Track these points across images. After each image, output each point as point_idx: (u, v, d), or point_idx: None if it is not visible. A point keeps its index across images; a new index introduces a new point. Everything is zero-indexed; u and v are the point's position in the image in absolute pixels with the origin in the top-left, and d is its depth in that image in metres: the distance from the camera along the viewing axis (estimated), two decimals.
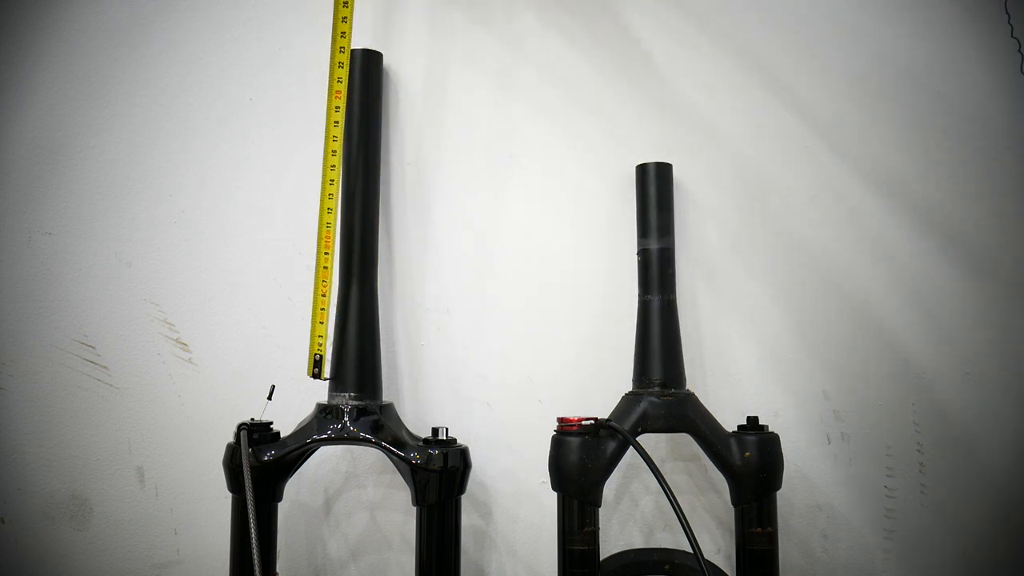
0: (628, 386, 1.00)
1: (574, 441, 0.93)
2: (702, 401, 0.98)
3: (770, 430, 0.97)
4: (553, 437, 0.95)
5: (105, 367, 1.09)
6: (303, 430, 0.96)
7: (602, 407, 0.99)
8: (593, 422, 0.94)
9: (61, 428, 1.08)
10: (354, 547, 1.08)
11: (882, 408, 1.07)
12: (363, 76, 1.04)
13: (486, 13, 1.12)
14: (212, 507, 1.07)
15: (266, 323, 1.09)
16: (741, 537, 0.94)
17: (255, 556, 0.85)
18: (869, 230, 1.09)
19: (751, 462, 0.94)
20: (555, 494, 0.94)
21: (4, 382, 1.08)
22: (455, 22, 1.12)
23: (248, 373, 1.08)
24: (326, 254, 0.98)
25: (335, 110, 0.98)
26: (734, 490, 0.95)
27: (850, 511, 1.06)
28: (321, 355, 0.97)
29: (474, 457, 1.01)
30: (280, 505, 0.98)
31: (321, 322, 0.98)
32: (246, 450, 0.92)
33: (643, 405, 0.96)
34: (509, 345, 1.09)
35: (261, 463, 0.94)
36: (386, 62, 1.09)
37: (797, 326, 1.08)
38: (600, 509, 0.94)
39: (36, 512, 1.07)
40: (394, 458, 0.95)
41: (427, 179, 1.11)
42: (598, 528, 0.93)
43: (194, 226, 1.10)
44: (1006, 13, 1.08)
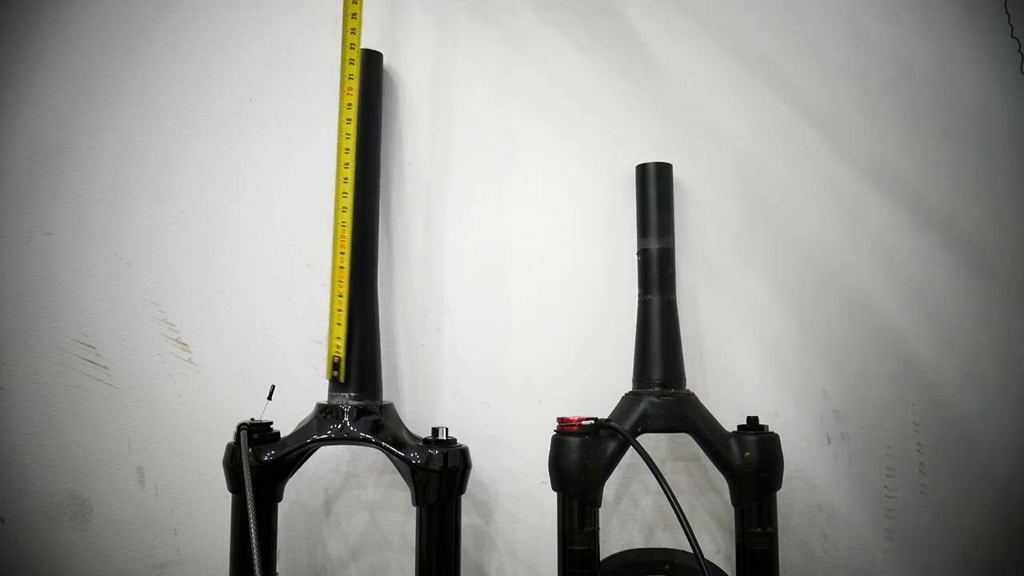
0: (628, 386, 1.00)
1: (574, 441, 0.93)
2: (702, 401, 0.98)
3: (770, 430, 0.97)
4: (553, 437, 0.95)
5: (105, 367, 1.09)
6: (303, 430, 0.96)
7: (602, 407, 0.99)
8: (593, 422, 0.94)
9: (61, 428, 1.08)
10: (354, 547, 1.08)
11: (882, 408, 1.07)
12: (363, 76, 1.04)
13: (487, 13, 1.12)
14: (212, 507, 1.07)
15: (266, 323, 1.09)
16: (741, 537, 0.94)
17: (255, 556, 0.85)
18: (869, 230, 1.09)
19: (751, 462, 0.94)
20: (555, 494, 0.94)
21: (4, 382, 1.08)
22: (456, 22, 1.12)
23: (248, 373, 1.08)
24: (342, 253, 0.97)
25: (347, 107, 0.98)
26: (734, 490, 0.95)
27: (850, 511, 1.06)
28: (340, 357, 0.96)
29: (474, 457, 1.01)
30: (280, 505, 0.98)
31: (339, 323, 0.96)
32: (246, 450, 0.92)
33: (643, 405, 0.96)
34: (509, 345, 1.09)
35: (261, 463, 0.94)
36: (386, 62, 1.09)
37: (797, 326, 1.08)
38: (600, 509, 0.94)
39: (36, 512, 1.07)
40: (394, 458, 0.95)
41: (427, 179, 1.11)
42: (598, 528, 0.93)
43: (194, 226, 1.10)
44: (1006, 13, 1.08)
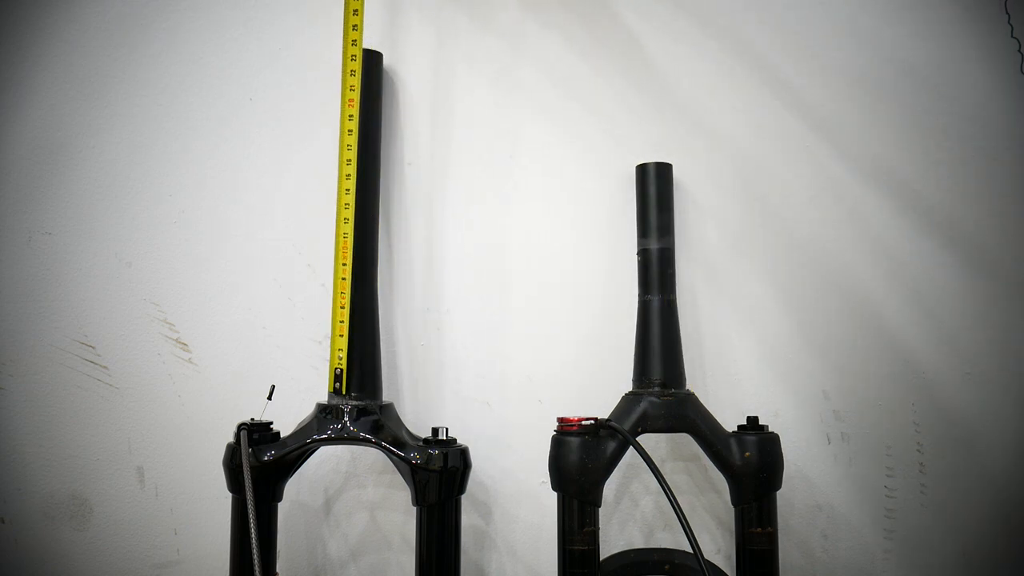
0: (628, 386, 1.00)
1: (574, 441, 0.93)
2: (702, 401, 0.98)
3: (770, 430, 0.97)
4: (553, 437, 0.95)
5: (105, 367, 1.09)
6: (303, 430, 0.96)
7: (602, 407, 0.99)
8: (593, 422, 0.94)
9: (61, 428, 1.08)
10: (354, 547, 1.08)
11: (882, 408, 1.07)
12: (364, 76, 1.04)
13: (487, 13, 1.12)
14: (212, 507, 1.07)
15: (266, 323, 1.09)
16: (741, 537, 0.94)
17: (255, 556, 0.85)
18: (869, 230, 1.09)
19: (751, 462, 0.94)
20: (555, 494, 0.94)
21: (4, 382, 1.08)
22: (456, 22, 1.12)
23: (248, 373, 1.08)
24: (344, 264, 0.96)
25: (349, 118, 0.97)
26: (734, 490, 0.95)
27: (850, 511, 1.06)
28: (342, 369, 0.95)
29: (474, 457, 1.01)
30: (280, 505, 0.98)
31: (341, 335, 0.96)
32: (246, 450, 0.92)
33: (643, 405, 0.96)
34: (509, 345, 1.09)
35: (261, 463, 0.94)
36: (386, 62, 1.09)
37: (797, 326, 1.08)
38: (600, 509, 0.94)
39: (36, 512, 1.07)
40: (394, 458, 0.95)
41: (427, 179, 1.11)
42: (598, 528, 0.93)
43: (194, 226, 1.10)
44: (1006, 13, 1.08)
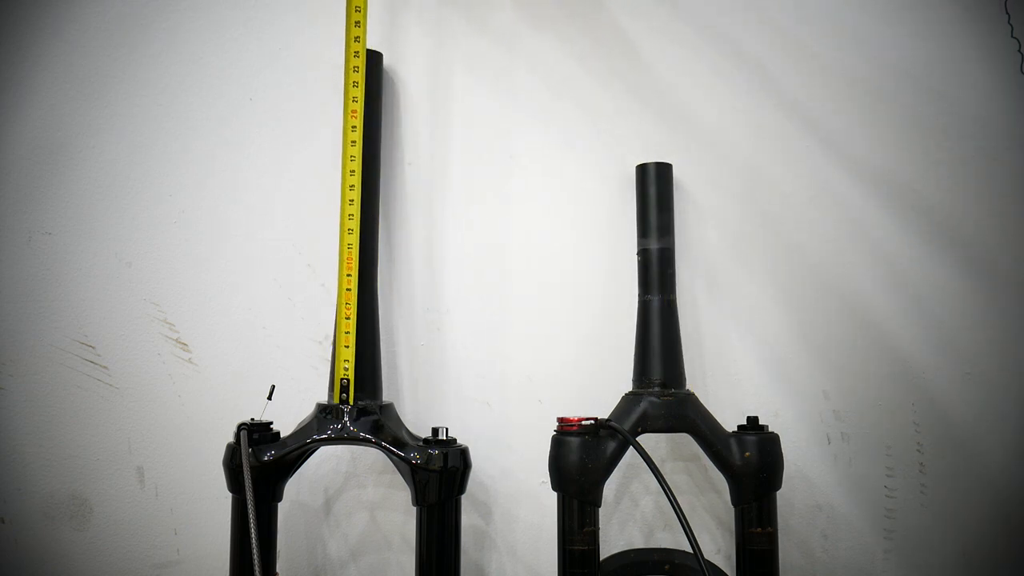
0: (628, 386, 1.00)
1: (574, 441, 0.93)
2: (702, 401, 0.98)
3: (770, 430, 0.97)
4: (553, 437, 0.95)
5: (105, 367, 1.09)
6: (303, 430, 0.96)
7: (602, 407, 0.99)
8: (593, 422, 0.94)
9: (61, 428, 1.08)
10: (354, 547, 1.08)
11: (882, 408, 1.07)
12: (364, 76, 1.04)
13: (486, 14, 1.12)
14: (212, 507, 1.07)
15: (266, 323, 1.09)
16: (741, 537, 0.94)
17: (255, 556, 0.85)
18: (869, 230, 1.08)
19: (751, 462, 0.94)
20: (555, 494, 0.94)
21: (4, 382, 1.08)
22: (456, 23, 1.12)
23: (248, 373, 1.08)
24: (349, 276, 0.96)
25: (352, 130, 0.97)
26: (734, 490, 0.95)
27: (850, 511, 1.06)
28: (348, 379, 0.95)
29: (474, 457, 1.01)
30: (280, 505, 0.98)
31: (347, 346, 0.95)
32: (246, 450, 0.92)
33: (643, 405, 0.95)
34: (509, 345, 1.09)
35: (261, 463, 0.94)
36: (386, 62, 1.09)
37: (797, 326, 1.08)
38: (600, 509, 0.94)
39: (36, 512, 1.07)
40: (394, 458, 0.95)
41: (427, 179, 1.11)
42: (598, 528, 0.93)
43: (194, 226, 1.10)
44: (1006, 13, 1.08)
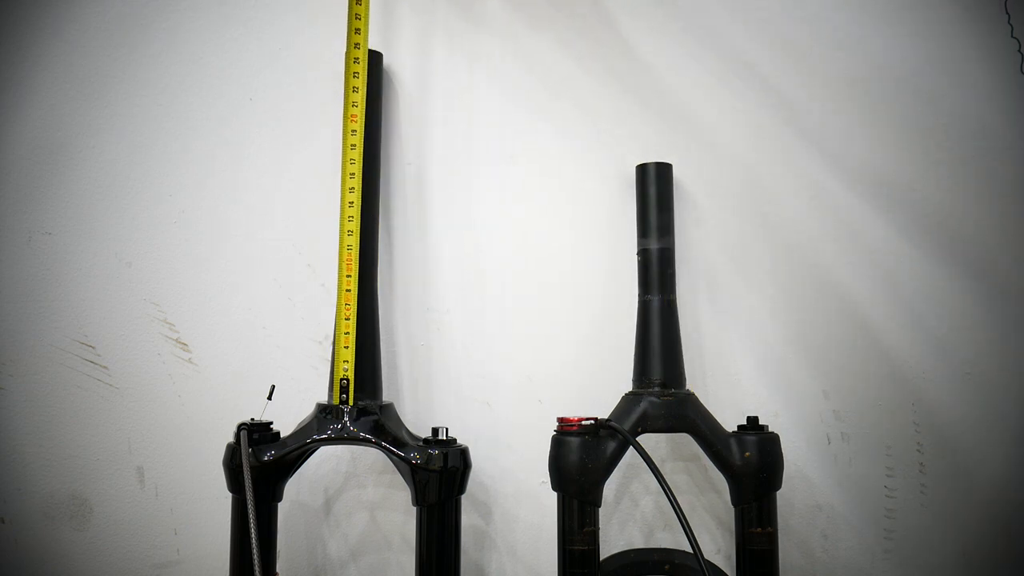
0: (628, 386, 1.00)
1: (574, 441, 0.93)
2: (702, 401, 0.98)
3: (770, 430, 0.97)
4: (553, 437, 0.95)
5: (105, 367, 1.09)
6: (303, 430, 0.96)
7: (602, 407, 0.99)
8: (593, 422, 0.94)
9: (61, 428, 1.08)
10: (354, 547, 1.08)
11: (882, 408, 1.07)
12: (364, 77, 1.04)
13: (486, 14, 1.12)
14: (212, 507, 1.07)
15: (266, 323, 1.09)
16: (741, 537, 0.94)
17: (255, 556, 0.85)
18: (869, 230, 1.09)
19: (751, 462, 0.94)
20: (555, 494, 0.94)
21: (4, 382, 1.08)
22: (456, 23, 1.12)
23: (248, 373, 1.08)
24: (348, 277, 0.96)
25: (352, 133, 0.97)
26: (734, 490, 0.95)
27: (850, 511, 1.06)
28: (348, 380, 0.95)
29: (474, 457, 1.01)
30: (280, 505, 0.98)
31: (346, 347, 0.96)
32: (246, 450, 0.92)
33: (643, 405, 0.96)
34: (509, 345, 1.09)
35: (261, 463, 0.94)
36: (386, 62, 1.09)
37: (797, 326, 1.08)
38: (600, 509, 0.94)
39: (36, 512, 1.07)
40: (394, 458, 0.95)
41: (427, 179, 1.11)
42: (598, 528, 0.93)
43: (194, 226, 1.10)
44: (1006, 13, 1.08)
